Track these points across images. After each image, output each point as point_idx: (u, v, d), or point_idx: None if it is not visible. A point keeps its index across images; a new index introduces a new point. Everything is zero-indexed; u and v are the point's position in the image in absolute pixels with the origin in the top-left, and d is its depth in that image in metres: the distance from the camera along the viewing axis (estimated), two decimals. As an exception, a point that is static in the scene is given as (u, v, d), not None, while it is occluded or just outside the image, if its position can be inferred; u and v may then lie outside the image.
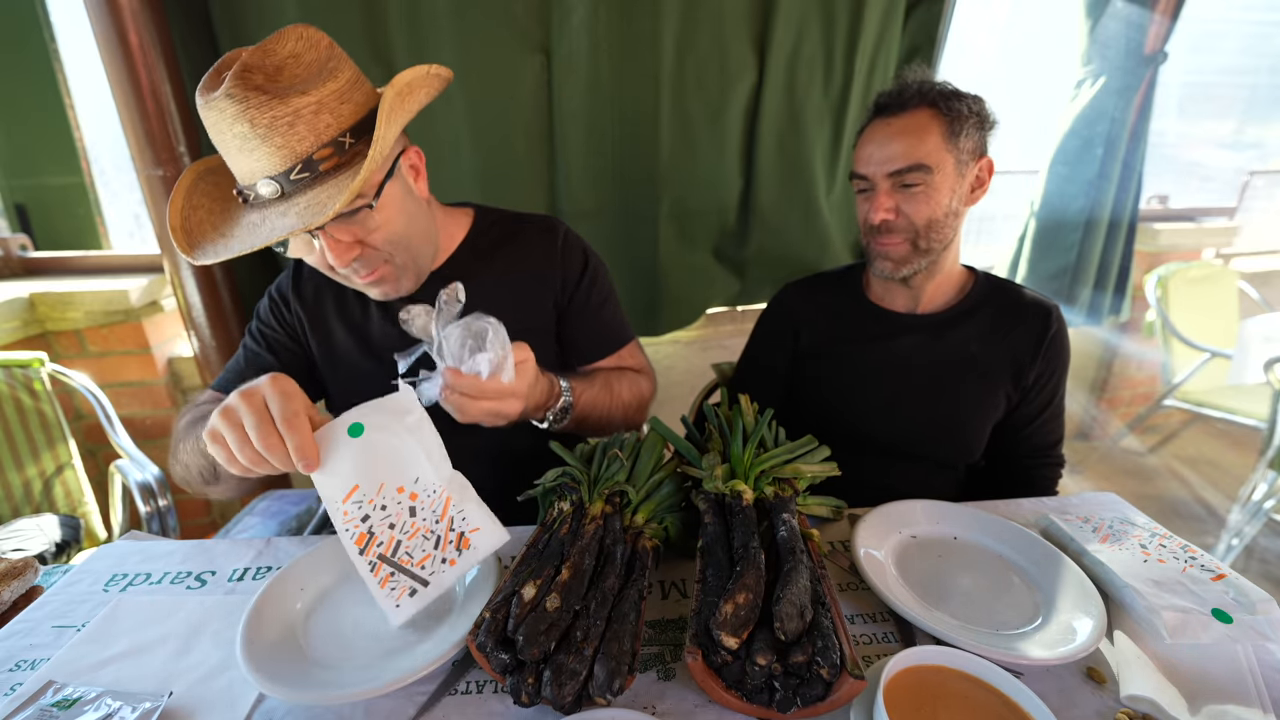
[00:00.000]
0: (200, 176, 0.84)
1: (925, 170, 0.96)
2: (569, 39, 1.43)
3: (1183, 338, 2.38)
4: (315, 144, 0.73)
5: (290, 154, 0.72)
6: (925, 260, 1.02)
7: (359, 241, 0.82)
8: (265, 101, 0.69)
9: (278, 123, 0.70)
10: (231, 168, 0.76)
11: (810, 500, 0.82)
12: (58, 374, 1.43)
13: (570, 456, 0.81)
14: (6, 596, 0.75)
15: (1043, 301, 1.09)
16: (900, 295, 1.11)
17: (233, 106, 0.69)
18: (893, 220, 0.99)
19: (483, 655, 0.57)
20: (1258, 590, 0.64)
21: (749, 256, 1.80)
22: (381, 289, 0.90)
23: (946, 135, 0.96)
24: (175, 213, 0.80)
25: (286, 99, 0.70)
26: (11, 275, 1.76)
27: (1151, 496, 2.43)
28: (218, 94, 0.69)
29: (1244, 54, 3.30)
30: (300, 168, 0.73)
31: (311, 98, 0.72)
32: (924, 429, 1.08)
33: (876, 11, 1.55)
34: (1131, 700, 0.58)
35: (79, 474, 1.47)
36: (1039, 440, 1.12)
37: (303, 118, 0.71)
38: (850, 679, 0.53)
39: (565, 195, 1.60)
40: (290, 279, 1.03)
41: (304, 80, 0.73)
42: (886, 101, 1.00)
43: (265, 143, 0.71)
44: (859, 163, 1.02)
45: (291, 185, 0.74)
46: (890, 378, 1.09)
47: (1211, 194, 2.83)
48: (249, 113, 0.69)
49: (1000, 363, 1.06)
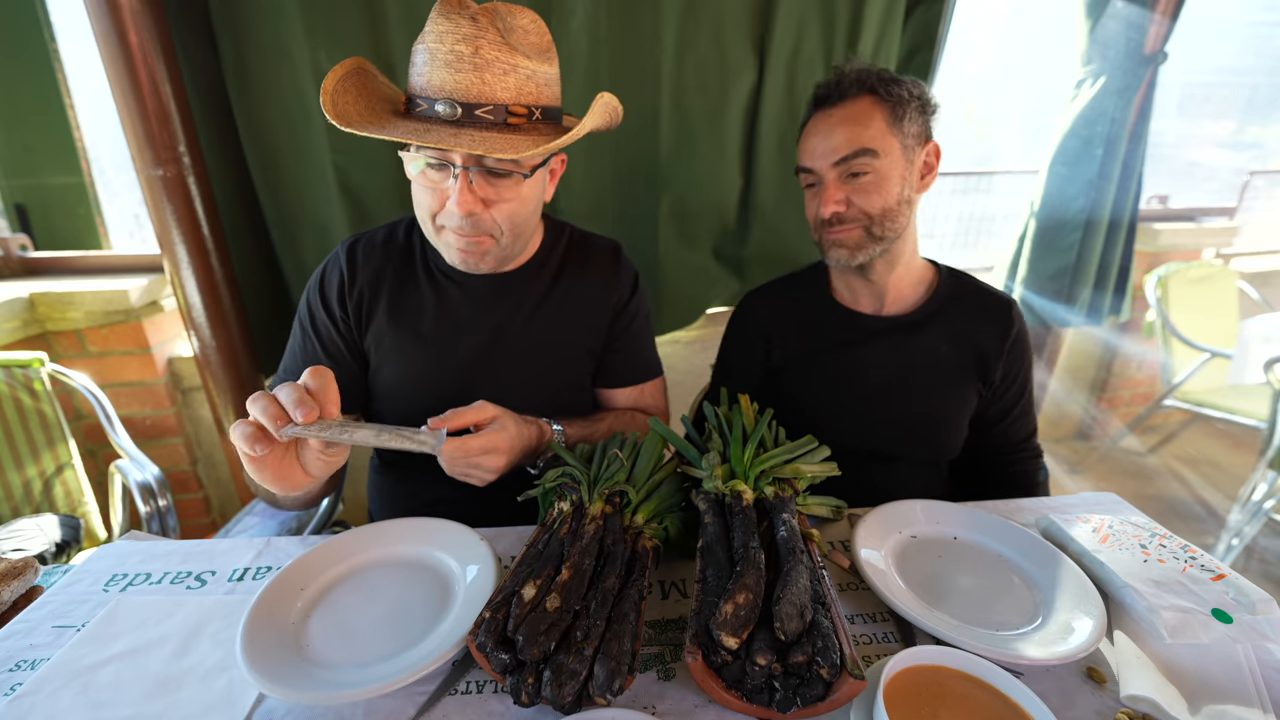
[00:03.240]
0: (349, 73, 0.84)
1: (871, 155, 0.94)
2: (569, 40, 1.43)
3: (1183, 338, 2.38)
4: (514, 99, 0.78)
5: (489, 92, 0.77)
6: (879, 247, 1.00)
7: (486, 203, 0.84)
8: (499, 43, 0.76)
9: (498, 63, 0.76)
10: (419, 78, 0.79)
11: (810, 500, 0.82)
12: (58, 374, 1.43)
13: (570, 456, 0.81)
14: (6, 596, 0.75)
15: (1002, 297, 1.09)
16: (865, 294, 1.09)
17: (469, 28, 0.75)
18: (844, 211, 0.97)
19: (483, 655, 0.57)
20: (1258, 590, 0.64)
21: (749, 256, 1.80)
22: (469, 256, 0.89)
23: (890, 120, 0.95)
24: (330, 81, 0.80)
25: (515, 53, 0.77)
26: (11, 275, 1.76)
27: (1151, 496, 2.43)
28: (461, 12, 0.75)
29: (1244, 54, 3.31)
30: (491, 108, 0.77)
31: (532, 65, 0.79)
32: (901, 432, 1.08)
33: (876, 11, 1.55)
34: (1131, 700, 0.58)
35: (79, 474, 1.47)
36: (1014, 434, 1.12)
37: (518, 74, 0.78)
38: (850, 679, 0.53)
39: (566, 195, 1.60)
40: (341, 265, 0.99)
41: (528, 47, 0.80)
42: (826, 93, 0.99)
43: (476, 72, 0.75)
44: (803, 156, 1.00)
45: (471, 118, 0.77)
46: (864, 384, 1.08)
47: (1211, 194, 2.83)
48: (480, 40, 0.75)
49: (968, 361, 1.06)
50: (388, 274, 0.99)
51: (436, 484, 0.97)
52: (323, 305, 0.99)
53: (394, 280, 0.99)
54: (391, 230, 1.03)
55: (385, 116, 0.82)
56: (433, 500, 1.03)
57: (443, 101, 0.76)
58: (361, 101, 0.84)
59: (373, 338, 0.99)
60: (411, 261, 1.00)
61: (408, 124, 0.79)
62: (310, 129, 1.42)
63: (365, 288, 0.98)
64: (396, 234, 1.02)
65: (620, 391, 1.11)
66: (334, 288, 0.98)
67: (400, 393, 1.00)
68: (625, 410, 1.11)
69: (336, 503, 1.39)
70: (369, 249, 1.00)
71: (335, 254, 1.01)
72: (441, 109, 0.77)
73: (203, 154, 1.41)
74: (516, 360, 1.01)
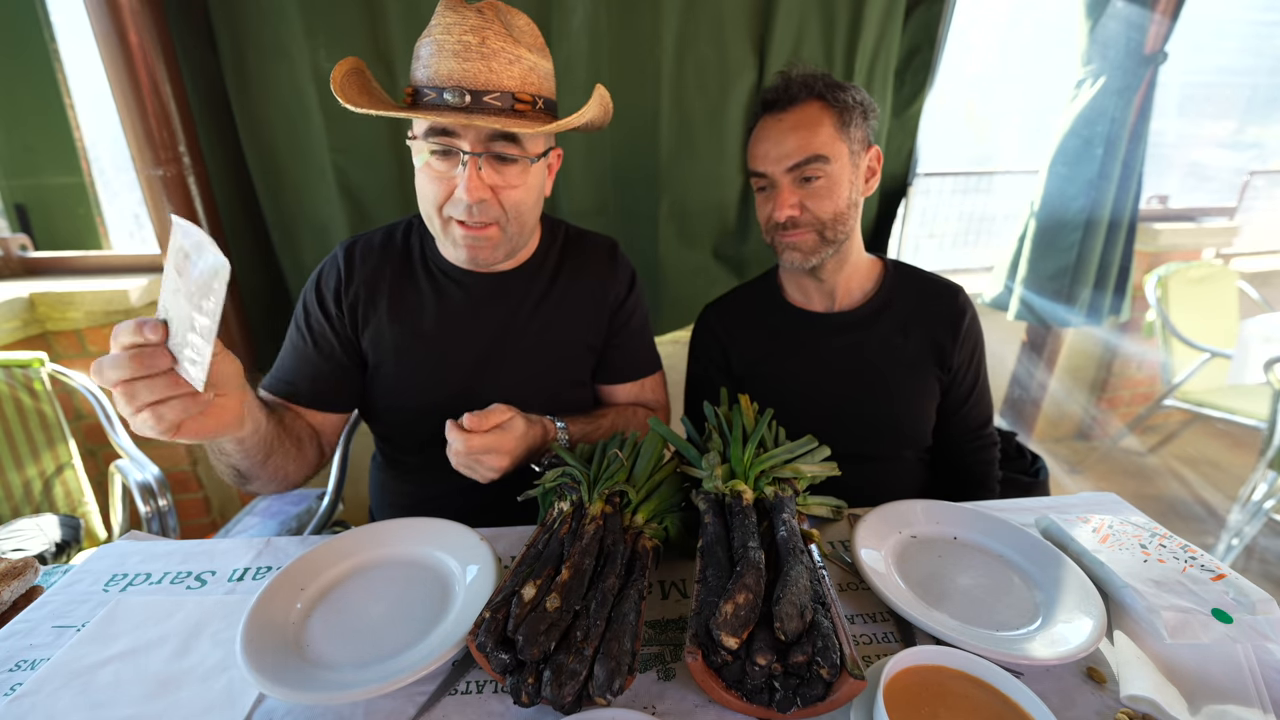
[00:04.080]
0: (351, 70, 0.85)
1: (823, 161, 0.97)
2: (569, 40, 1.43)
3: (1183, 338, 2.38)
4: (520, 87, 0.81)
5: (496, 80, 0.79)
6: (831, 250, 1.03)
7: (494, 189, 0.86)
8: (504, 34, 0.80)
9: (504, 53, 0.79)
10: (425, 69, 0.80)
11: (810, 500, 0.82)
12: (58, 374, 1.43)
13: (570, 456, 0.81)
14: (6, 596, 0.75)
15: (949, 283, 1.12)
16: (816, 293, 1.11)
17: (476, 19, 0.78)
18: (798, 216, 0.99)
19: (483, 655, 0.57)
20: (1258, 590, 0.64)
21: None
22: (478, 250, 0.90)
23: (838, 125, 0.97)
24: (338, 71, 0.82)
25: (519, 45, 0.81)
26: (11, 275, 1.76)
27: (1151, 496, 2.43)
28: (468, 5, 0.79)
29: (1244, 54, 3.31)
30: (499, 94, 0.79)
31: (534, 58, 0.83)
32: (869, 428, 1.08)
33: (876, 11, 1.55)
34: (1131, 700, 0.58)
35: (79, 474, 1.47)
36: (971, 421, 1.13)
37: (522, 64, 0.81)
38: (850, 679, 0.53)
39: (565, 195, 1.60)
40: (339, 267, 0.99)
41: (529, 44, 0.83)
42: (774, 97, 1.00)
43: (484, 60, 0.78)
44: (755, 160, 1.02)
45: (480, 104, 0.79)
46: (827, 384, 1.09)
47: (1211, 194, 2.83)
48: (486, 31, 0.78)
49: (924, 348, 1.08)
50: (386, 275, 0.99)
51: (437, 482, 0.97)
52: (318, 304, 0.99)
53: (393, 281, 0.99)
54: (390, 232, 1.03)
55: (391, 107, 0.83)
56: (435, 496, 1.03)
57: (450, 90, 0.78)
58: (365, 94, 0.85)
59: (371, 338, 0.99)
60: (410, 262, 1.01)
61: (417, 112, 0.80)
62: (310, 129, 1.42)
63: (362, 288, 0.98)
64: (395, 236, 1.03)
65: (621, 387, 1.11)
66: (330, 288, 0.99)
67: (403, 392, 1.00)
68: (627, 406, 1.11)
69: (336, 503, 1.39)
70: (367, 250, 1.00)
71: (333, 255, 1.01)
72: (450, 97, 0.78)
73: (203, 154, 1.42)
74: (517, 359, 1.01)
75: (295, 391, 0.96)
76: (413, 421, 1.01)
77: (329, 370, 0.98)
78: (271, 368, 1.00)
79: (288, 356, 0.99)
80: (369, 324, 0.98)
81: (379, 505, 1.13)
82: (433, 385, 0.99)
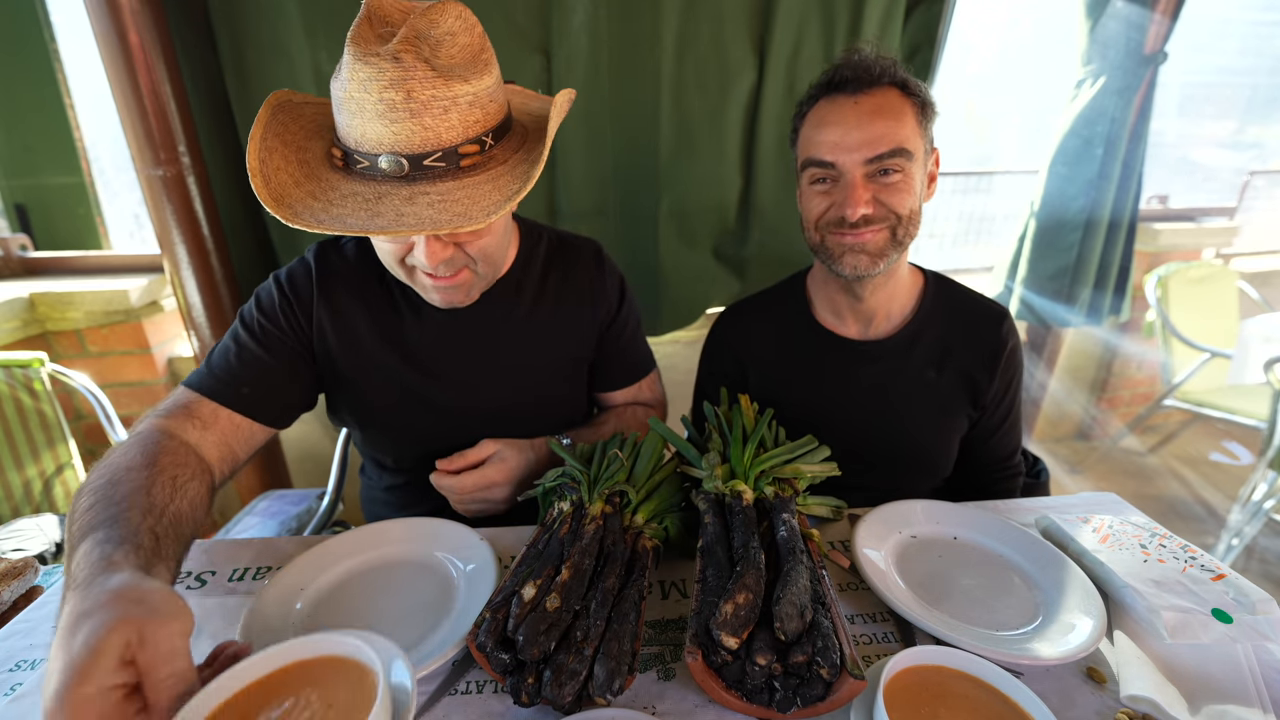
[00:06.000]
0: (269, 121, 0.74)
1: (907, 157, 0.85)
2: (569, 40, 1.43)
3: (1183, 338, 2.38)
4: (462, 137, 0.69)
5: (434, 138, 0.67)
6: (897, 255, 0.91)
7: (458, 244, 0.78)
8: (430, 78, 0.65)
9: (435, 103, 0.66)
10: (351, 130, 0.68)
11: (810, 500, 0.82)
12: (58, 374, 1.43)
13: (570, 456, 0.81)
14: (6, 596, 0.75)
15: (991, 308, 1.01)
16: (851, 316, 1.01)
17: (395, 71, 0.64)
18: (871, 213, 0.86)
19: (483, 655, 0.57)
20: (1258, 590, 0.64)
21: (749, 256, 1.80)
22: (452, 295, 0.84)
23: (919, 120, 0.87)
24: (253, 154, 0.70)
25: (450, 82, 0.66)
26: (11, 275, 1.76)
27: (1151, 496, 2.43)
28: (381, 52, 0.64)
29: (1244, 54, 3.31)
30: (440, 155, 0.68)
31: (471, 87, 0.68)
32: (888, 462, 1.02)
33: (876, 11, 1.55)
34: (1131, 700, 0.58)
35: (79, 474, 1.47)
36: (999, 451, 1.06)
37: (459, 106, 0.67)
38: (850, 679, 0.53)
39: (565, 195, 1.60)
40: (313, 279, 0.91)
41: (462, 65, 0.69)
42: (849, 75, 0.86)
43: (414, 119, 0.65)
44: (819, 148, 0.87)
45: (420, 170, 0.68)
46: (849, 417, 1.01)
47: (1211, 194, 2.83)
48: (410, 83, 0.64)
49: (957, 386, 1.00)
50: (362, 286, 0.92)
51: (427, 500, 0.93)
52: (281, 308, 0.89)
53: (370, 293, 0.92)
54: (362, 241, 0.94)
55: (323, 173, 0.72)
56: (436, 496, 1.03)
57: (385, 157, 0.67)
58: (293, 158, 0.73)
59: (343, 352, 0.92)
60: (385, 275, 0.90)
61: (351, 185, 0.70)
62: (310, 129, 1.41)
63: (335, 297, 0.91)
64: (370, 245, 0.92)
65: (618, 392, 1.11)
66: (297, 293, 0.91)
67: (392, 417, 0.96)
68: (625, 407, 1.10)
69: (336, 502, 1.40)
70: (341, 258, 0.93)
71: (303, 259, 0.93)
72: (386, 164, 0.67)
73: (203, 154, 1.41)
74: (506, 378, 0.97)
75: (230, 394, 0.83)
76: (404, 443, 0.99)
77: (277, 378, 0.88)
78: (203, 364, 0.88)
79: (230, 357, 0.86)
80: (341, 336, 0.91)
81: (370, 518, 1.12)
82: (420, 409, 0.95)
